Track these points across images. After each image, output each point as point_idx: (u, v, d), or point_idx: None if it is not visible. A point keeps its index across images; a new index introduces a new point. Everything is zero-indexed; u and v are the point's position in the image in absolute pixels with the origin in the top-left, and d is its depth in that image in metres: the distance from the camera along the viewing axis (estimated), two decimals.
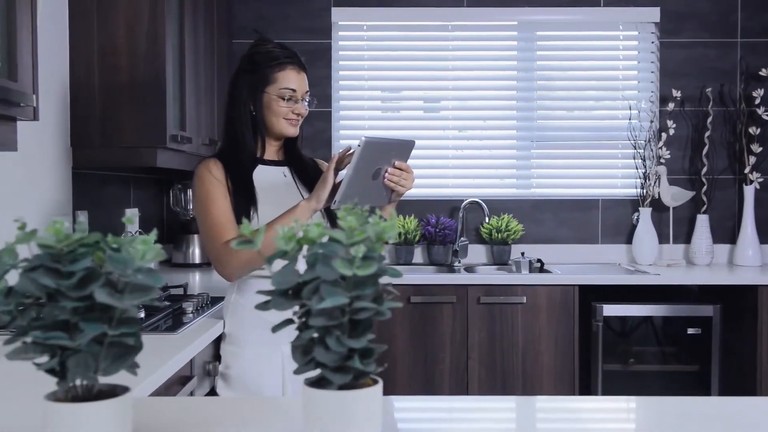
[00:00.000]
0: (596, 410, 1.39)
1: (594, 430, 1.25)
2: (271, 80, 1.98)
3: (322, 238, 0.90)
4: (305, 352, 0.93)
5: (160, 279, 0.86)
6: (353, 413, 0.90)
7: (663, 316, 3.15)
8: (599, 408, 1.42)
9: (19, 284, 0.83)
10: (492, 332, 3.13)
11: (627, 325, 3.15)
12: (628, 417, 1.34)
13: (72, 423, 0.85)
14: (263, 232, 0.91)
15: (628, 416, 1.34)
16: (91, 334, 0.85)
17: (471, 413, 1.35)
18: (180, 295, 2.38)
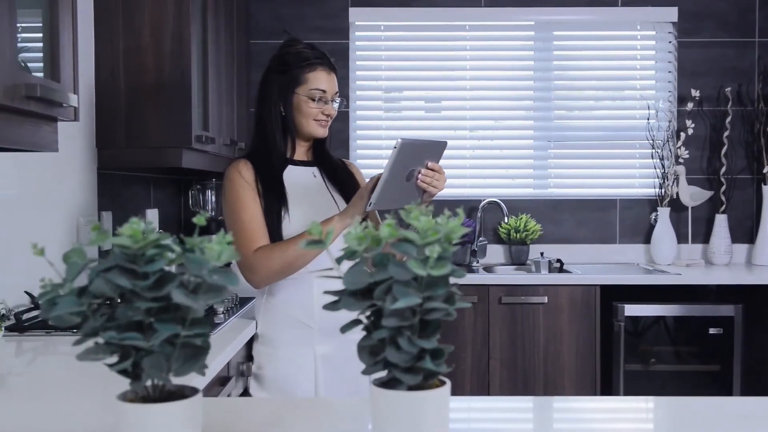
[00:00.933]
0: (618, 410, 1.38)
1: (615, 430, 1.25)
2: (301, 81, 1.98)
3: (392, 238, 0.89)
4: (373, 352, 0.93)
5: (236, 279, 0.86)
6: (424, 414, 0.89)
7: (684, 316, 3.14)
8: (621, 408, 1.42)
9: (94, 285, 0.83)
10: (513, 332, 3.12)
11: (648, 325, 3.15)
12: (649, 417, 1.33)
13: (146, 423, 0.84)
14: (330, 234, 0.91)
15: (649, 416, 1.33)
16: (166, 334, 0.84)
17: (492, 413, 1.35)
18: None
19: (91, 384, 1.41)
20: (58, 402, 1.31)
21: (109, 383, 1.33)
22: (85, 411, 1.24)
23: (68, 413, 1.23)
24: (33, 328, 1.83)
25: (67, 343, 1.75)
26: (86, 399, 1.31)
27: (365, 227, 0.91)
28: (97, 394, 1.34)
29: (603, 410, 1.37)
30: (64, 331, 1.83)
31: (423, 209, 0.91)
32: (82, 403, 1.28)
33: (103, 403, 1.27)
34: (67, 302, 0.83)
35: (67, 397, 1.35)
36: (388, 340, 0.89)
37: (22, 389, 1.42)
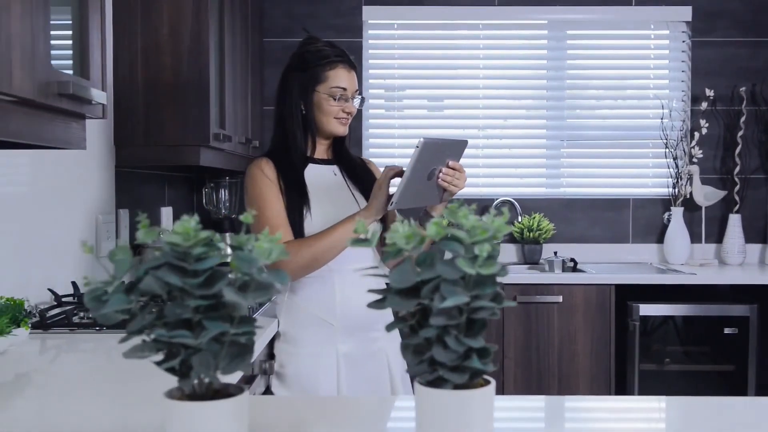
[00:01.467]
0: (631, 410, 1.38)
1: (628, 430, 1.25)
2: (321, 79, 1.98)
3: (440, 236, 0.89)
4: (417, 351, 0.93)
5: (286, 277, 0.85)
6: (470, 413, 0.89)
7: (699, 316, 3.14)
8: (634, 408, 1.41)
9: (144, 282, 0.83)
10: (528, 331, 3.12)
11: (663, 324, 3.14)
12: (662, 417, 1.33)
13: (196, 421, 0.84)
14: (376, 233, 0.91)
15: (662, 416, 1.33)
16: (215, 332, 0.84)
17: (505, 413, 1.35)
18: None
19: (126, 381, 1.41)
20: (96, 399, 1.31)
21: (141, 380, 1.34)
22: (125, 408, 1.23)
23: (106, 411, 1.23)
24: (56, 326, 1.83)
25: (91, 340, 1.75)
26: (123, 396, 1.31)
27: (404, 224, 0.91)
28: (134, 391, 1.34)
29: (616, 410, 1.37)
30: (87, 328, 1.83)
31: (468, 210, 0.91)
32: (120, 401, 1.28)
33: (143, 400, 1.27)
34: (117, 300, 0.83)
35: (104, 394, 1.35)
36: (435, 339, 0.89)
37: (58, 387, 1.42)
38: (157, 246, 2.74)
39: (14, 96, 1.16)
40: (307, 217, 1.90)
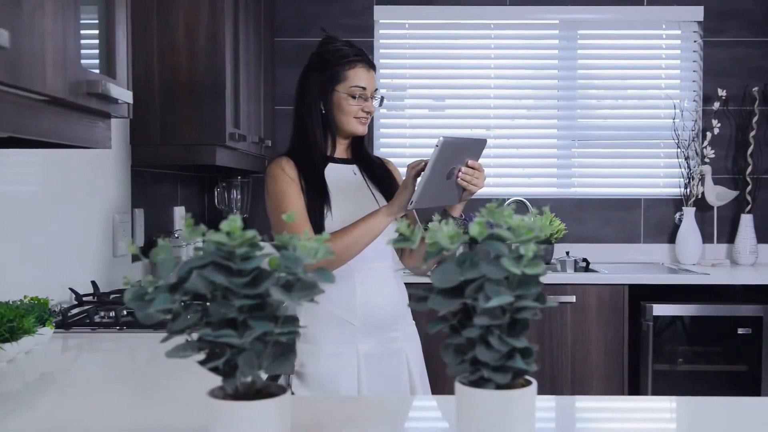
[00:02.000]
0: (645, 410, 1.37)
1: (643, 430, 1.25)
2: (341, 78, 1.98)
3: (483, 236, 0.89)
4: (459, 351, 0.93)
5: (331, 276, 0.85)
6: (512, 413, 0.89)
7: (712, 316, 3.13)
8: (648, 408, 1.41)
9: (190, 282, 0.83)
10: (541, 331, 3.12)
11: (676, 325, 3.14)
12: (677, 417, 1.32)
13: (240, 420, 0.84)
14: (419, 232, 0.91)
15: (677, 417, 1.32)
16: (260, 331, 0.84)
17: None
18: None
19: (152, 380, 1.41)
20: (124, 399, 1.31)
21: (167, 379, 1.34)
22: (154, 407, 1.23)
23: (136, 410, 1.23)
24: (76, 325, 1.83)
25: (113, 339, 1.75)
26: (151, 395, 1.31)
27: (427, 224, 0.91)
28: (161, 390, 1.34)
29: (629, 410, 1.37)
30: (107, 328, 1.83)
31: (510, 210, 0.91)
32: (148, 400, 1.28)
33: (170, 400, 1.27)
34: (162, 299, 0.83)
35: (132, 393, 1.35)
36: (479, 339, 0.89)
37: (85, 386, 1.42)
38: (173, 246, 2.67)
39: (47, 95, 1.16)
40: (327, 216, 1.90)
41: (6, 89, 1.07)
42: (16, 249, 1.77)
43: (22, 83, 1.06)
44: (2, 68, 1.00)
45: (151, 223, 2.74)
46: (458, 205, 1.96)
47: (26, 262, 1.83)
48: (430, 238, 0.92)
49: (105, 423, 1.16)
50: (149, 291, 0.86)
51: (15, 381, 1.40)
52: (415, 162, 1.84)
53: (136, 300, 0.88)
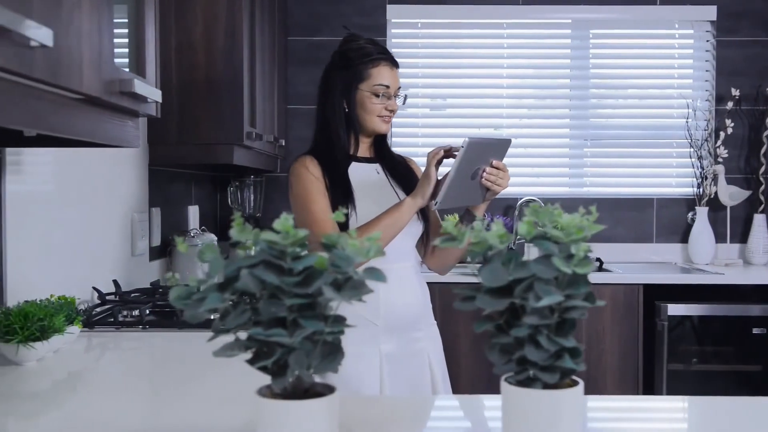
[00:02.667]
0: (659, 410, 1.37)
1: (657, 429, 1.25)
2: (364, 77, 1.98)
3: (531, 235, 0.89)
4: (504, 350, 0.92)
5: (383, 276, 0.85)
6: (561, 413, 0.89)
7: (727, 316, 3.13)
8: (662, 408, 1.41)
9: (242, 281, 0.83)
10: None
11: (690, 324, 3.14)
12: (691, 417, 1.32)
13: (289, 420, 0.84)
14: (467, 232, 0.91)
15: (691, 416, 1.32)
16: (310, 330, 0.84)
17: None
18: None
19: (182, 379, 1.41)
20: (155, 398, 1.31)
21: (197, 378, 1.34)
22: (188, 406, 1.23)
23: (170, 409, 1.22)
24: (99, 324, 1.83)
25: (137, 338, 1.75)
26: (184, 394, 1.31)
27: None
28: (192, 389, 1.34)
29: (643, 410, 1.36)
30: (131, 327, 1.83)
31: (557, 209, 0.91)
32: (181, 399, 1.28)
33: (204, 398, 1.27)
34: (213, 299, 0.83)
35: (162, 392, 1.35)
36: (528, 339, 0.88)
37: (116, 385, 1.42)
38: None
39: (83, 94, 1.16)
40: (352, 216, 1.90)
41: (46, 88, 1.07)
42: (39, 248, 1.77)
43: (62, 82, 1.06)
44: (44, 67, 1.00)
45: (166, 222, 2.74)
46: (481, 205, 1.96)
47: (49, 261, 1.83)
48: (475, 238, 0.91)
49: (134, 422, 1.16)
50: (198, 290, 0.86)
51: (44, 380, 1.40)
52: (435, 150, 1.84)
53: (181, 299, 0.88)
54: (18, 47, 0.93)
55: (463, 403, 1.43)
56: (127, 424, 1.15)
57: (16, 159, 1.66)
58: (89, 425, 1.15)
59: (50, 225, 1.83)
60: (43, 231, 1.79)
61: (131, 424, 1.15)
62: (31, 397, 1.31)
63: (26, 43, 0.94)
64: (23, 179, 1.69)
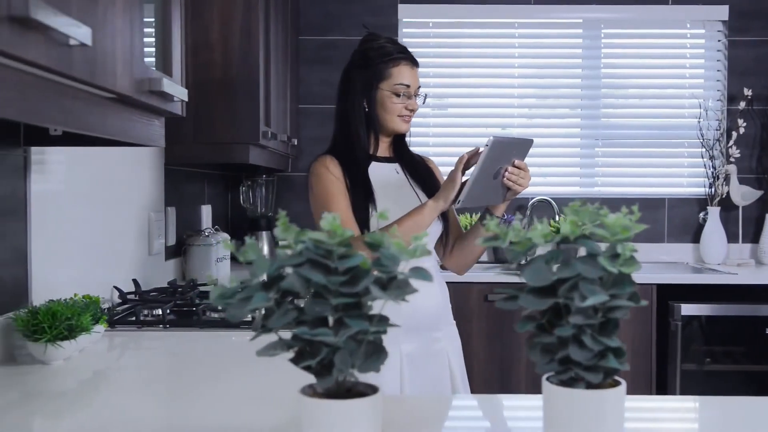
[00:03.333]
0: (673, 410, 1.37)
1: (670, 429, 1.24)
2: (385, 76, 1.97)
3: (575, 235, 0.89)
4: (545, 350, 0.92)
5: (429, 275, 0.85)
6: (604, 413, 0.89)
7: (741, 316, 3.12)
8: (676, 408, 1.41)
9: (288, 280, 0.82)
10: None
11: (704, 324, 3.13)
12: (705, 417, 1.32)
13: (334, 419, 0.84)
14: (511, 231, 0.90)
15: (705, 417, 1.32)
16: (355, 329, 0.84)
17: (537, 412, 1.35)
18: None
19: (212, 377, 1.41)
20: (183, 396, 1.30)
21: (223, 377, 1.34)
22: (216, 404, 1.23)
23: (202, 408, 1.22)
24: (120, 323, 1.83)
25: (159, 337, 1.75)
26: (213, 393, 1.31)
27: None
28: (220, 387, 1.34)
29: (656, 410, 1.36)
30: (151, 326, 1.83)
31: (596, 208, 0.90)
32: (211, 397, 1.28)
33: (234, 397, 1.27)
34: (259, 298, 0.83)
35: (189, 391, 1.35)
36: (572, 338, 0.88)
37: (143, 384, 1.42)
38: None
39: (116, 93, 1.15)
40: (372, 215, 1.89)
41: (81, 87, 1.07)
42: (61, 247, 1.77)
43: (98, 81, 1.06)
44: (82, 65, 1.00)
45: (180, 221, 2.74)
46: (502, 205, 1.95)
47: (70, 261, 1.83)
48: (515, 237, 0.91)
49: (162, 421, 1.16)
50: (241, 289, 0.86)
51: (72, 379, 1.40)
52: (464, 155, 1.83)
53: (222, 299, 0.88)
54: (58, 46, 0.93)
55: (482, 403, 1.43)
56: (157, 424, 1.15)
57: (39, 158, 1.66)
58: (117, 424, 1.15)
59: (71, 224, 1.83)
60: (65, 230, 1.79)
61: (161, 424, 1.14)
62: (59, 396, 1.31)
63: (66, 41, 0.94)
64: (46, 178, 1.69)
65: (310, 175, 1.96)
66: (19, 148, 1.56)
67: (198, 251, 2.73)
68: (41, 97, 0.96)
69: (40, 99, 0.96)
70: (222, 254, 2.86)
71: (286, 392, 1.29)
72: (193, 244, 2.73)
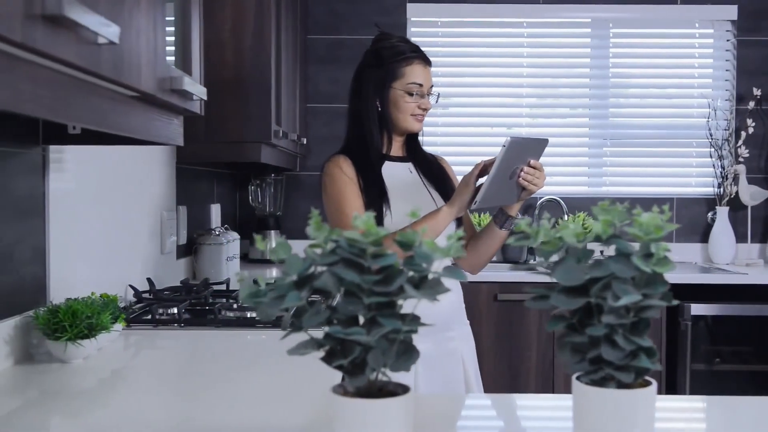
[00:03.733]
0: (682, 410, 1.37)
1: (680, 429, 1.24)
2: (398, 75, 1.97)
3: (607, 234, 0.88)
4: (576, 350, 0.92)
5: (463, 274, 0.85)
6: (635, 413, 0.88)
7: (751, 316, 3.12)
8: (686, 408, 1.41)
9: (322, 279, 0.82)
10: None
11: (713, 324, 3.13)
12: (714, 417, 1.31)
13: (367, 418, 0.84)
14: (542, 230, 0.90)
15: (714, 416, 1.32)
16: (388, 328, 0.84)
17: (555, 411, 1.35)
18: None
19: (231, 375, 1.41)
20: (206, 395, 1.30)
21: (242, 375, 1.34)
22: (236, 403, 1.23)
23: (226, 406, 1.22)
24: (135, 322, 1.83)
25: (175, 336, 1.75)
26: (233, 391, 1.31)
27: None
28: (241, 386, 1.34)
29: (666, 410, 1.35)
30: (166, 325, 1.83)
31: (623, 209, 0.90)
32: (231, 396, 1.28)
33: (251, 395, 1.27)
34: (293, 297, 0.83)
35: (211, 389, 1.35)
36: (604, 338, 0.88)
37: (161, 382, 1.41)
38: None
39: (140, 91, 1.15)
40: (387, 215, 1.89)
41: (107, 85, 1.06)
42: (77, 245, 1.77)
43: (124, 79, 1.06)
44: (110, 64, 1.00)
45: (190, 220, 2.74)
46: (515, 205, 1.95)
47: (86, 259, 1.82)
48: (545, 236, 0.91)
49: (181, 420, 1.16)
50: (273, 288, 0.86)
51: (92, 377, 1.40)
52: (486, 161, 1.82)
53: (251, 298, 0.88)
54: (87, 44, 0.93)
55: (496, 403, 1.43)
56: (178, 423, 1.14)
57: (57, 157, 1.65)
58: (136, 423, 1.15)
59: (86, 223, 1.83)
60: (81, 229, 1.79)
61: (182, 423, 1.14)
62: (81, 394, 1.31)
63: (95, 40, 0.94)
64: (62, 177, 1.69)
65: (323, 175, 1.95)
66: (38, 147, 1.56)
67: (208, 250, 2.73)
68: (70, 95, 0.96)
69: (69, 97, 0.96)
70: (232, 253, 2.86)
71: (305, 391, 1.30)
72: (204, 243, 2.73)
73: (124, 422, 1.16)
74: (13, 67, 0.81)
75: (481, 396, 1.96)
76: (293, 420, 1.15)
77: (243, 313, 1.87)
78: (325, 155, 2.05)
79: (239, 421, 1.14)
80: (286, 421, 1.15)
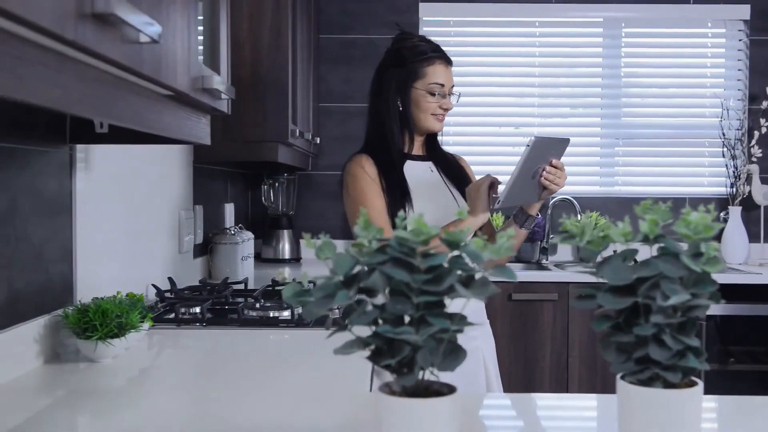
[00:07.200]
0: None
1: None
2: (420, 75, 1.97)
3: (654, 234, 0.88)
4: (620, 349, 0.92)
5: (513, 274, 0.84)
6: (683, 413, 0.88)
7: (765, 316, 3.11)
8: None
9: (371, 278, 0.82)
10: (593, 330, 3.10)
11: (727, 324, 3.12)
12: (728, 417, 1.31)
13: (415, 418, 0.84)
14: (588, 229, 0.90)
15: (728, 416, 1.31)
16: (437, 328, 0.84)
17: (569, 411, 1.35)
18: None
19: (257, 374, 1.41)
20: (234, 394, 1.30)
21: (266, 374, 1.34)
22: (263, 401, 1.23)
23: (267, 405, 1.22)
24: (157, 321, 1.83)
25: (199, 336, 1.75)
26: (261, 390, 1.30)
27: None
28: (266, 385, 1.33)
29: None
30: (189, 324, 1.83)
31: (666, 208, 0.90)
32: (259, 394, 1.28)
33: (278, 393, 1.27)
34: (342, 296, 0.82)
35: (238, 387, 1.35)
36: (651, 338, 0.88)
37: (189, 381, 1.41)
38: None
39: (175, 90, 1.15)
40: (409, 214, 1.89)
41: (144, 84, 1.06)
42: (101, 244, 1.76)
43: (162, 78, 1.06)
44: (150, 63, 1.00)
45: (205, 219, 2.73)
46: (536, 204, 1.94)
47: (111, 258, 1.82)
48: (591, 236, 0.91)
49: (212, 419, 1.16)
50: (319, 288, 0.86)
51: (122, 376, 1.40)
52: (494, 178, 1.83)
53: (296, 297, 0.87)
54: (130, 43, 0.93)
55: (516, 402, 1.43)
56: (209, 422, 1.14)
57: (82, 156, 1.65)
58: (167, 422, 1.15)
59: (110, 222, 1.83)
60: (105, 228, 1.79)
61: (213, 422, 1.14)
62: (112, 393, 1.31)
63: (137, 38, 0.94)
64: (88, 176, 1.69)
65: (345, 174, 1.95)
66: (65, 146, 1.56)
67: (224, 249, 2.73)
68: (113, 94, 0.96)
69: (109, 96, 0.96)
70: (247, 252, 2.86)
71: (333, 390, 1.30)
72: (219, 242, 2.73)
73: (155, 421, 1.16)
74: (64, 66, 0.81)
75: (502, 395, 1.96)
76: (324, 421, 1.15)
77: (266, 312, 1.87)
78: (337, 155, 2.05)
79: (269, 421, 1.14)
80: (317, 421, 1.15)
